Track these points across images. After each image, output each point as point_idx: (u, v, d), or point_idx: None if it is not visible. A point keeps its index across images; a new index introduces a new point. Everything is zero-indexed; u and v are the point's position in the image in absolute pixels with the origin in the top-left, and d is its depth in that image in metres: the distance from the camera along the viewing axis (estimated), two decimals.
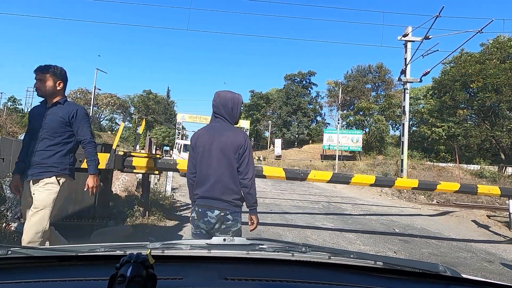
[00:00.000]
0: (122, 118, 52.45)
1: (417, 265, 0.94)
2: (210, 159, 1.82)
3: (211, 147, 1.82)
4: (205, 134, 1.89)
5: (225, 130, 1.84)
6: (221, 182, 1.80)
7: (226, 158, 1.80)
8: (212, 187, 1.80)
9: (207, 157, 1.83)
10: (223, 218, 1.79)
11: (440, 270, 0.93)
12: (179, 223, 4.86)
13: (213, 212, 1.79)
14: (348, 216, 6.98)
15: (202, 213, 1.81)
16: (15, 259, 0.77)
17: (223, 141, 1.80)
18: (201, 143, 1.86)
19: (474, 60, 24.56)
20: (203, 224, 1.81)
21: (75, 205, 3.58)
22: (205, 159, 1.83)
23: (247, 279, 0.78)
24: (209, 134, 1.86)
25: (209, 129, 1.90)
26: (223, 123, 1.87)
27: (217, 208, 1.80)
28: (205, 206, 1.81)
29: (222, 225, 1.79)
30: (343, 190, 13.02)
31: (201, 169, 1.85)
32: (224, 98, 1.88)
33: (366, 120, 36.32)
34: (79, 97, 44.13)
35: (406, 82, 11.87)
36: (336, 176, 4.81)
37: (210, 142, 1.83)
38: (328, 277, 0.86)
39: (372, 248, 4.40)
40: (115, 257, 0.83)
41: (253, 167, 1.87)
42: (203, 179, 1.84)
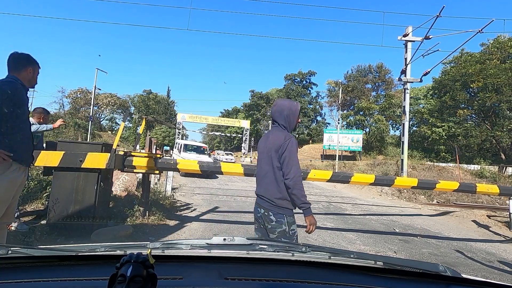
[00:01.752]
0: (122, 118, 52.46)
1: (418, 265, 0.94)
2: (260, 161, 2.03)
3: (262, 151, 2.01)
4: (262, 140, 2.10)
5: (272, 134, 1.99)
6: (264, 182, 1.95)
7: (270, 159, 1.92)
8: (260, 187, 1.99)
9: (259, 160, 2.05)
10: (266, 218, 1.90)
11: (441, 270, 0.93)
12: (180, 223, 4.86)
13: (260, 210, 1.95)
14: (348, 216, 6.97)
15: (255, 209, 2.03)
16: (16, 258, 0.77)
17: (269, 143, 1.96)
18: (259, 149, 2.08)
19: (475, 60, 24.57)
20: (259, 220, 1.98)
21: (75, 205, 3.59)
22: (259, 161, 2.06)
23: (247, 279, 0.78)
24: (264, 140, 2.06)
25: (266, 135, 2.08)
26: (276, 129, 2.01)
27: (262, 207, 1.94)
28: (257, 204, 2.01)
29: (268, 225, 1.89)
30: (343, 190, 13.02)
31: (258, 171, 2.07)
32: (281, 105, 2.01)
33: (366, 120, 36.32)
34: (80, 97, 44.13)
35: (407, 82, 11.86)
36: (336, 175, 4.81)
37: (262, 146, 2.03)
38: (328, 277, 0.86)
39: (372, 248, 4.40)
40: (115, 257, 0.83)
41: (296, 168, 1.88)
42: (257, 179, 2.07)
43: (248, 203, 7.47)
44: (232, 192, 9.51)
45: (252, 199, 8.97)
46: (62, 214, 3.53)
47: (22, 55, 2.34)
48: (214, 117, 39.46)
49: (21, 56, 2.33)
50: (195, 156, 14.18)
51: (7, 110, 2.17)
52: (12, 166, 2.18)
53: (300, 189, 1.86)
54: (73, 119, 33.66)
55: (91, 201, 3.64)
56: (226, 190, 9.93)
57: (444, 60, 14.71)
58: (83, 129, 30.19)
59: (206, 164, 4.60)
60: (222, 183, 11.86)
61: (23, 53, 2.35)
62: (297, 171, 1.88)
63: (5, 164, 2.14)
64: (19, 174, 2.26)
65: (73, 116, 37.26)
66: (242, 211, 6.38)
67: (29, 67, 2.37)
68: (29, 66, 2.36)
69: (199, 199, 7.46)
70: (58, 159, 3.51)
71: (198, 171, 4.46)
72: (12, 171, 2.18)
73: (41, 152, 3.57)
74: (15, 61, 2.29)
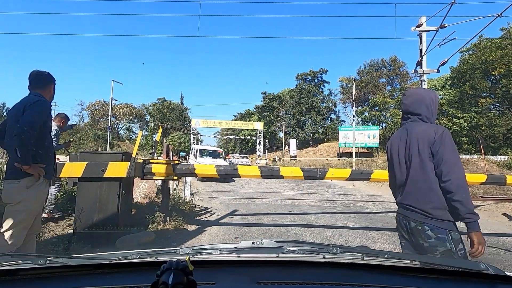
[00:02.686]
0: (139, 126, 53.71)
1: (457, 264, 0.90)
2: (402, 163, 1.65)
3: (401, 151, 1.66)
4: (396, 139, 1.74)
5: (415, 129, 1.62)
6: (411, 189, 1.58)
7: (418, 160, 1.55)
8: (406, 195, 1.62)
9: (399, 162, 1.67)
10: (421, 233, 1.51)
11: (482, 268, 0.88)
12: (200, 227, 4.90)
13: (409, 223, 1.59)
14: (370, 214, 6.81)
15: (399, 222, 1.68)
16: (53, 268, 0.79)
17: (412, 141, 1.59)
18: (393, 149, 1.73)
19: (495, 46, 23.49)
20: (406, 235, 1.63)
21: (99, 214, 3.69)
22: (398, 164, 1.69)
23: (280, 282, 0.77)
24: (400, 138, 1.70)
25: (400, 132, 1.73)
26: (415, 123, 1.66)
27: (412, 219, 1.56)
28: (402, 216, 1.65)
29: (423, 242, 1.50)
30: (362, 188, 12.75)
31: (395, 176, 1.70)
32: (419, 94, 1.71)
33: (382, 115, 35.51)
34: (98, 108, 45.68)
35: (423, 74, 11.50)
36: (356, 173, 4.71)
37: (401, 145, 1.66)
38: (362, 279, 0.83)
39: (397, 246, 4.24)
40: (147, 264, 0.84)
41: (458, 167, 1.48)
42: (398, 185, 1.70)
43: (266, 205, 7.45)
44: (250, 194, 9.52)
45: (270, 200, 8.95)
46: (87, 223, 3.64)
47: (44, 73, 2.45)
48: (227, 121, 39.77)
49: (43, 74, 2.44)
50: (211, 161, 14.31)
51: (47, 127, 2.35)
52: (40, 179, 2.28)
53: (465, 194, 1.44)
54: (93, 130, 34.85)
55: (114, 209, 3.73)
56: (244, 193, 9.94)
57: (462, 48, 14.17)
58: (102, 139, 31.18)
59: (223, 168, 4.63)
60: (239, 186, 11.90)
61: (44, 71, 2.47)
62: (460, 171, 1.48)
63: (36, 177, 2.25)
64: (45, 186, 2.36)
65: (93, 127, 38.58)
66: (261, 213, 6.37)
67: (52, 84, 2.49)
68: (51, 83, 2.49)
69: (217, 203, 7.51)
70: (81, 169, 3.63)
71: (215, 175, 4.49)
72: (39, 184, 2.28)
73: (65, 164, 3.71)
74: (38, 79, 2.40)
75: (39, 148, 2.25)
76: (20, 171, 2.17)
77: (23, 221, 2.21)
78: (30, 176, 2.21)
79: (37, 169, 2.22)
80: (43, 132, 2.29)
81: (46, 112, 2.32)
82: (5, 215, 2.21)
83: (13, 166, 2.18)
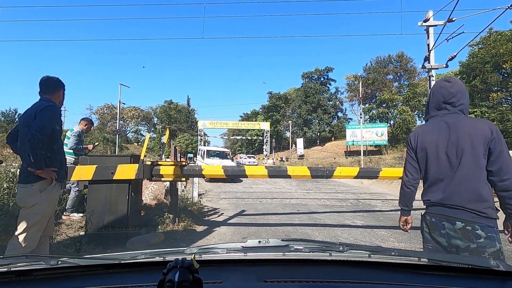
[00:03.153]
0: (147, 129, 54.50)
1: (466, 261, 0.89)
2: (442, 159, 1.51)
3: (442, 145, 1.52)
4: (432, 132, 1.58)
5: (462, 122, 1.51)
6: (463, 187, 1.45)
7: (470, 157, 1.45)
8: (451, 193, 1.48)
9: (438, 157, 1.53)
10: (470, 233, 1.42)
11: (492, 265, 0.87)
12: (208, 228, 4.94)
13: (453, 224, 1.46)
14: (379, 212, 6.74)
15: (437, 224, 1.52)
16: (65, 268, 0.82)
17: (462, 136, 1.47)
18: (429, 143, 1.57)
19: (505, 38, 22.92)
20: (440, 238, 1.50)
21: (109, 216, 3.75)
22: (436, 159, 1.54)
23: (286, 280, 0.77)
24: (439, 131, 1.55)
25: (437, 125, 1.57)
26: (458, 116, 1.54)
27: (460, 219, 1.44)
28: (441, 216, 1.50)
29: (471, 244, 1.41)
30: (371, 186, 12.62)
31: (434, 172, 1.55)
32: (462, 85, 1.59)
33: (390, 112, 35.06)
34: (106, 112, 46.41)
35: (431, 69, 11.31)
36: (364, 171, 4.67)
37: (442, 139, 1.52)
38: (369, 276, 0.83)
39: (408, 244, 4.21)
40: (156, 263, 0.85)
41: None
42: (438, 182, 1.53)
43: (274, 205, 7.44)
44: (257, 194, 9.53)
45: (278, 200, 8.93)
46: (98, 224, 3.70)
47: (53, 79, 2.51)
48: (234, 122, 39.85)
49: (53, 79, 2.50)
50: (218, 161, 14.38)
51: (57, 132, 2.40)
52: (52, 183, 2.34)
53: None
54: (102, 134, 35.41)
55: (124, 211, 3.78)
56: (251, 193, 9.96)
57: (471, 42, 13.88)
58: (111, 142, 31.66)
59: (230, 168, 4.65)
60: (246, 186, 11.92)
61: (54, 76, 2.53)
62: None
63: (48, 181, 2.30)
64: (57, 189, 2.41)
65: (102, 131, 39.22)
66: (269, 213, 6.37)
67: (61, 90, 2.55)
68: (60, 88, 2.55)
69: (225, 203, 7.54)
70: (91, 172, 3.69)
71: (223, 176, 4.52)
72: (52, 188, 2.34)
73: (76, 167, 3.78)
74: (48, 85, 2.46)
75: (50, 152, 2.30)
76: (33, 175, 2.23)
77: (37, 224, 2.27)
78: (43, 180, 2.27)
79: (50, 173, 2.28)
80: (54, 136, 2.35)
81: (56, 116, 2.38)
82: (20, 218, 2.27)
83: (26, 171, 2.24)
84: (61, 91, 2.55)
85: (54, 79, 2.50)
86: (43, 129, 2.19)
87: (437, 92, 1.62)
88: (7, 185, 4.13)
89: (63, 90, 2.58)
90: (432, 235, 1.55)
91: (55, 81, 2.51)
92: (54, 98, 2.46)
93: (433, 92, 1.65)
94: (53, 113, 2.33)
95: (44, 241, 2.46)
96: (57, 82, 2.51)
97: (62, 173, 2.48)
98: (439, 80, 1.70)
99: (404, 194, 1.74)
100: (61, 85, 2.55)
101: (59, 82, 2.53)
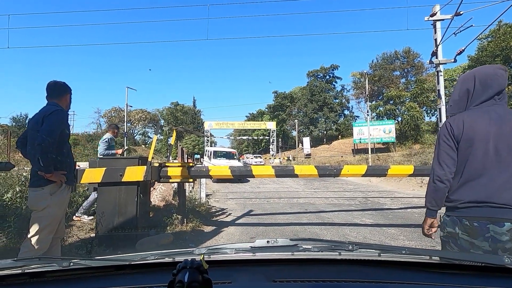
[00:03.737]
0: (154, 131, 54.98)
1: (479, 259, 0.87)
2: (491, 152, 1.37)
3: (493, 138, 1.38)
4: (483, 120, 1.41)
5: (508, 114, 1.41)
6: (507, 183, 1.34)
7: None
8: (500, 190, 1.34)
9: (486, 151, 1.38)
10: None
11: (507, 262, 0.85)
12: (216, 228, 4.96)
13: (501, 225, 1.31)
14: (388, 210, 6.66)
15: (481, 227, 1.35)
16: (77, 270, 0.83)
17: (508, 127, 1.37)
18: (480, 132, 1.40)
19: None
20: (483, 242, 1.34)
21: (119, 217, 3.80)
22: (483, 152, 1.39)
23: (295, 280, 0.77)
24: (492, 121, 1.40)
25: (487, 115, 1.42)
26: (504, 108, 1.45)
27: (509, 219, 1.32)
28: (486, 218, 1.34)
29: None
30: (379, 184, 12.48)
31: (476, 166, 1.40)
32: None
33: (397, 108, 34.61)
34: (114, 115, 47.00)
35: (439, 64, 11.12)
36: (371, 169, 4.62)
37: (494, 131, 1.38)
38: (379, 275, 0.82)
39: (418, 243, 4.15)
40: (165, 264, 0.86)
41: None
42: (478, 178, 1.39)
43: (282, 204, 7.43)
44: (265, 194, 9.52)
45: (286, 199, 8.91)
46: (108, 226, 3.75)
47: (60, 83, 2.55)
48: (240, 122, 39.94)
49: (59, 84, 2.55)
50: (225, 162, 14.43)
51: (65, 135, 2.45)
52: (62, 186, 2.38)
53: None
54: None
55: (133, 212, 3.83)
56: (258, 193, 9.96)
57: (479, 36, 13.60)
58: (119, 145, 32.06)
59: (237, 168, 4.66)
60: (253, 186, 11.93)
61: (61, 81, 2.57)
62: None
63: (58, 184, 2.35)
64: (67, 192, 2.46)
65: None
66: (277, 213, 6.36)
67: (68, 94, 2.59)
68: (67, 93, 2.59)
69: (233, 204, 7.56)
70: (100, 175, 3.75)
71: (230, 176, 4.53)
72: (61, 190, 2.38)
73: (85, 170, 3.84)
74: (55, 89, 2.51)
75: (59, 156, 2.34)
76: (43, 178, 2.27)
77: (48, 226, 2.31)
78: (53, 183, 2.31)
79: (59, 176, 2.32)
80: (62, 140, 2.39)
81: (64, 120, 2.42)
82: (31, 221, 2.32)
83: (37, 174, 2.28)
84: (68, 95, 2.59)
85: (61, 84, 2.55)
86: (51, 133, 2.23)
87: (490, 80, 1.46)
88: (20, 189, 4.22)
89: (70, 95, 2.62)
90: (471, 242, 1.37)
91: (62, 85, 2.55)
92: (61, 102, 2.50)
93: (484, 80, 1.48)
94: (61, 117, 2.37)
95: (56, 243, 2.51)
96: (63, 87, 2.56)
97: (71, 176, 2.52)
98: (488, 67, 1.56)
99: (437, 191, 1.49)
100: (68, 90, 2.59)
101: (65, 87, 2.57)
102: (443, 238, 1.52)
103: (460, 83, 1.60)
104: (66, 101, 2.57)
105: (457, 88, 1.60)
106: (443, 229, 1.50)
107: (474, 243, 1.37)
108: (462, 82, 1.57)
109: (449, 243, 1.46)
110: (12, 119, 39.27)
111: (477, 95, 1.48)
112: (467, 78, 1.56)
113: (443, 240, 1.52)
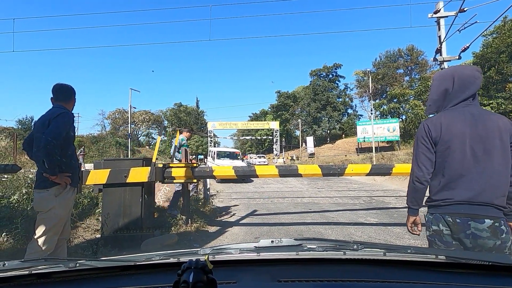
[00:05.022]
0: (157, 132, 55.29)
1: (486, 257, 0.86)
2: (468, 152, 1.40)
3: (470, 138, 1.41)
4: (458, 123, 1.44)
5: (488, 115, 1.44)
6: (493, 182, 1.38)
7: (500, 152, 1.38)
8: (481, 189, 1.38)
9: (464, 151, 1.41)
10: (497, 229, 1.36)
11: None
12: (221, 228, 4.96)
13: (481, 222, 1.36)
14: (393, 209, 6.61)
15: (462, 224, 1.38)
16: (83, 270, 0.84)
17: (491, 129, 1.39)
18: (455, 135, 1.43)
19: None
20: (465, 239, 1.39)
21: (124, 218, 3.82)
22: (461, 153, 1.41)
23: (300, 280, 0.77)
24: (466, 121, 1.43)
25: (463, 116, 1.45)
26: (479, 109, 1.47)
27: (489, 216, 1.37)
28: (468, 215, 1.38)
29: (497, 241, 1.36)
30: (384, 183, 12.41)
31: (456, 167, 1.42)
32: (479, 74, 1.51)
33: (401, 107, 34.39)
34: (118, 117, 47.35)
35: (443, 62, 11.02)
36: (376, 168, 4.59)
37: (469, 131, 1.41)
38: (384, 275, 0.81)
39: (424, 242, 4.09)
40: (170, 264, 0.86)
41: None
42: (459, 179, 1.41)
43: (286, 204, 7.42)
44: (268, 194, 9.52)
45: (290, 199, 8.87)
46: (113, 227, 3.78)
47: (66, 86, 2.58)
48: (243, 122, 39.97)
49: (66, 87, 2.57)
50: (229, 162, 14.44)
51: (71, 137, 2.48)
52: (67, 187, 2.40)
53: None
54: (114, 138, 36.15)
55: (138, 213, 3.85)
56: (262, 192, 9.95)
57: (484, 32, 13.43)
58: (124, 146, 32.26)
59: (241, 168, 4.66)
60: (257, 186, 11.92)
61: (66, 84, 2.59)
62: None
63: (63, 186, 2.37)
64: (71, 193, 2.48)
65: (114, 135, 40.03)
66: (281, 213, 6.35)
67: (74, 97, 2.62)
68: (73, 96, 2.61)
69: (237, 204, 7.57)
70: (105, 176, 3.77)
71: (234, 177, 4.53)
72: (66, 192, 2.41)
73: (90, 171, 3.87)
74: (62, 92, 2.53)
75: (64, 158, 2.37)
76: (48, 180, 2.29)
77: (53, 228, 2.34)
78: (58, 185, 2.33)
79: (64, 178, 2.34)
80: (67, 142, 2.41)
81: (69, 123, 2.44)
82: (37, 222, 2.34)
83: (42, 176, 2.31)
84: (73, 97, 2.62)
85: (67, 87, 2.57)
86: (57, 136, 2.25)
87: (469, 82, 1.47)
88: (26, 191, 4.26)
89: (75, 97, 2.65)
90: (454, 237, 1.42)
91: (68, 88, 2.58)
92: (67, 104, 2.53)
93: (463, 81, 1.48)
94: (67, 119, 2.39)
95: (62, 244, 2.53)
96: (69, 89, 2.58)
97: (76, 178, 2.54)
98: (466, 68, 1.56)
99: (416, 191, 1.55)
100: (73, 92, 2.62)
101: (71, 89, 2.60)
102: (429, 237, 1.54)
103: (437, 81, 1.60)
104: (71, 104, 2.60)
105: (434, 86, 1.60)
106: (429, 228, 1.53)
107: (458, 239, 1.41)
108: (440, 81, 1.58)
109: (435, 241, 1.49)
110: (18, 122, 39.78)
111: (454, 95, 1.50)
112: (445, 77, 1.56)
113: (429, 239, 1.54)
